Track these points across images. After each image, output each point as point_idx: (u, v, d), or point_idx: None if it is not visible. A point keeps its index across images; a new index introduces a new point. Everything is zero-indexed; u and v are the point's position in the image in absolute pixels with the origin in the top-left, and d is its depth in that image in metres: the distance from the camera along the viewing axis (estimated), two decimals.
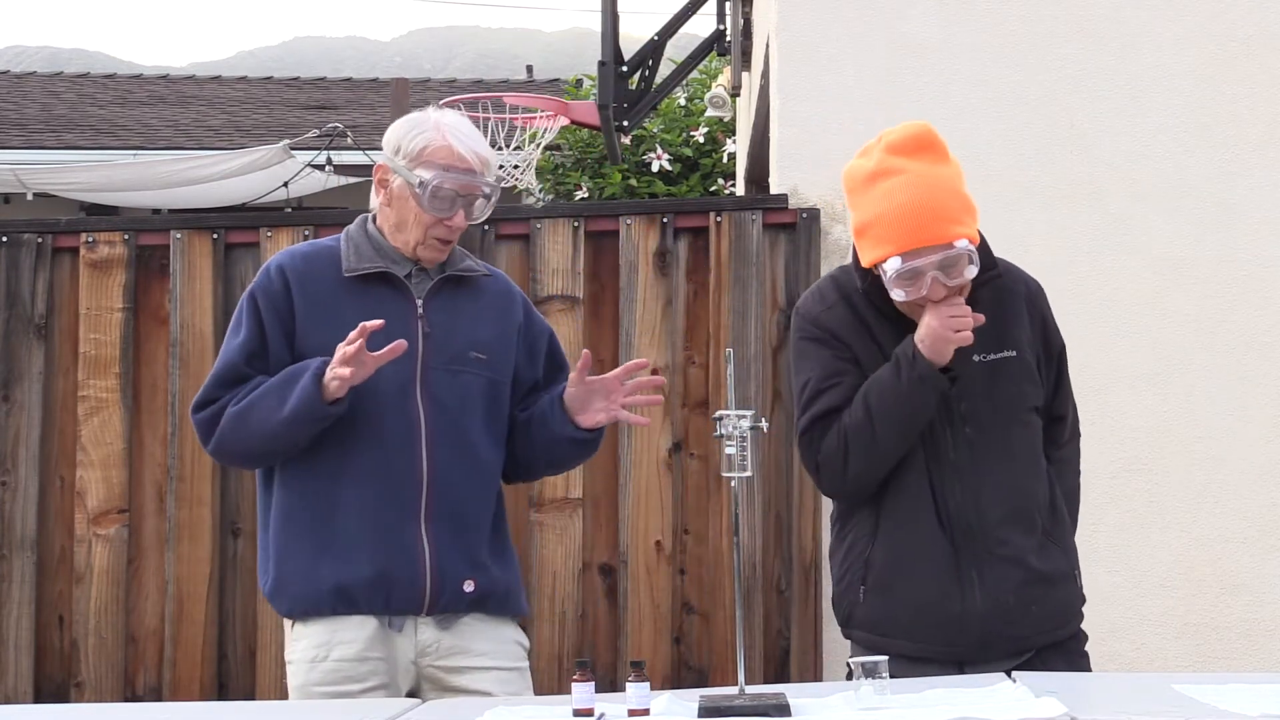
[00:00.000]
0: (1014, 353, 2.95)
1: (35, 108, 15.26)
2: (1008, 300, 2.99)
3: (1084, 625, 3.05)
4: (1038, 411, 2.99)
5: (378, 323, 2.86)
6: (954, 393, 2.90)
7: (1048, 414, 3.04)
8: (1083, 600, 3.04)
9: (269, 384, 2.94)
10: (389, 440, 2.95)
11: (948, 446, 2.91)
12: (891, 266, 2.82)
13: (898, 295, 2.86)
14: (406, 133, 3.03)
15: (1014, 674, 2.66)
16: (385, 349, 2.86)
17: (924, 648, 2.87)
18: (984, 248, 2.94)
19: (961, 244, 2.81)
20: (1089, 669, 3.00)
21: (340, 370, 2.85)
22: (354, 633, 2.94)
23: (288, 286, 3.02)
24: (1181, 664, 4.46)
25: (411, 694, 2.96)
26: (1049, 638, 2.95)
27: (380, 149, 3.12)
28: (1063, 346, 3.07)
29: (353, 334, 2.84)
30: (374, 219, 3.11)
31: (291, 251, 3.12)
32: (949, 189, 2.86)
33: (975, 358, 2.92)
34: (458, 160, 2.99)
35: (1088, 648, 3.06)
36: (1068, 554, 3.00)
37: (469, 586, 2.98)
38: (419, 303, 3.03)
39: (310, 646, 2.96)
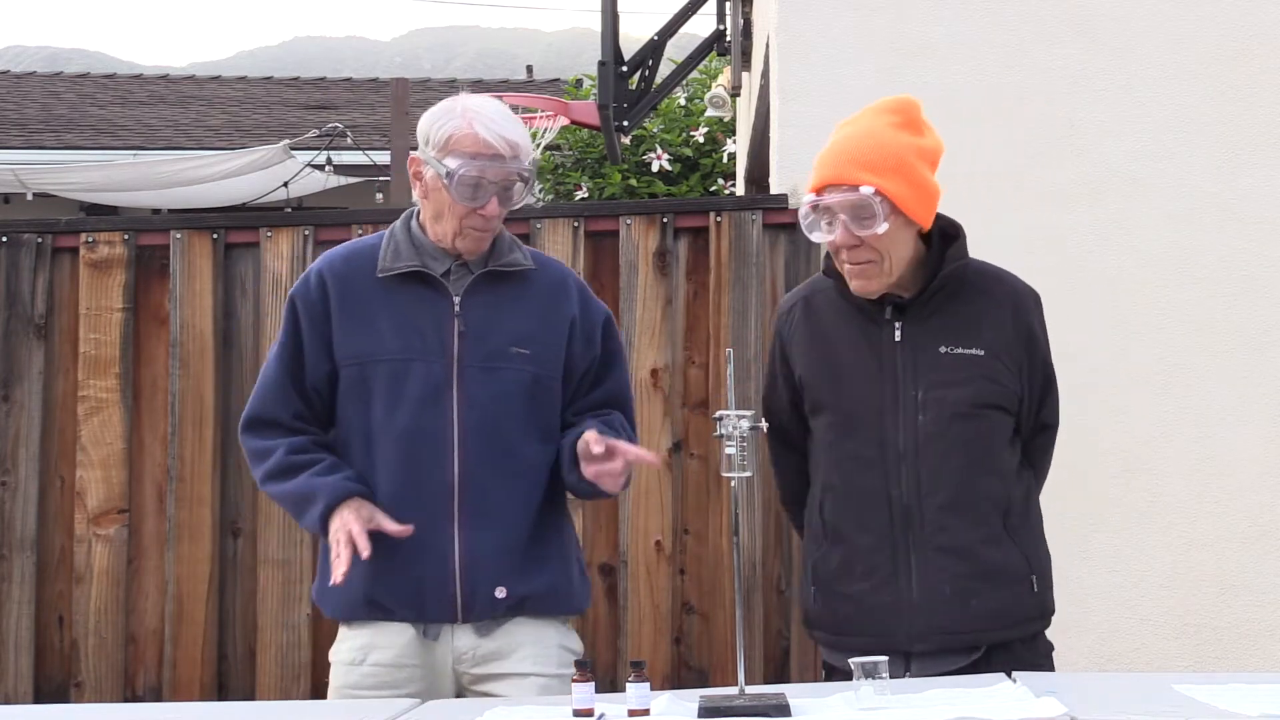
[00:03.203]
0: (981, 352, 2.95)
1: (35, 108, 15.27)
2: (988, 302, 3.01)
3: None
4: (1003, 411, 2.97)
5: (401, 530, 2.86)
6: (912, 381, 2.92)
7: (1034, 421, 3.06)
8: (1043, 610, 2.99)
9: (291, 487, 2.94)
10: (420, 446, 2.90)
11: (898, 434, 2.92)
12: (806, 201, 2.92)
13: (815, 236, 2.94)
14: (434, 121, 2.96)
15: (1014, 674, 2.66)
16: (395, 528, 2.85)
17: (869, 641, 2.85)
18: (960, 241, 2.99)
19: (866, 190, 2.84)
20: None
21: (338, 554, 2.83)
22: (392, 638, 2.93)
23: (325, 292, 2.99)
24: (1181, 664, 4.46)
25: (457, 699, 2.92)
26: (995, 637, 2.90)
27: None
28: (1048, 356, 3.07)
29: (360, 538, 2.81)
30: (418, 214, 3.06)
31: (333, 254, 3.08)
32: (880, 141, 2.90)
33: (942, 349, 2.94)
34: (484, 147, 2.90)
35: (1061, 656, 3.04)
36: (1029, 559, 2.96)
37: (500, 593, 2.92)
38: (456, 300, 2.98)
39: (351, 649, 2.96)
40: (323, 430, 3.03)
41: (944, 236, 3.00)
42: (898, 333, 2.96)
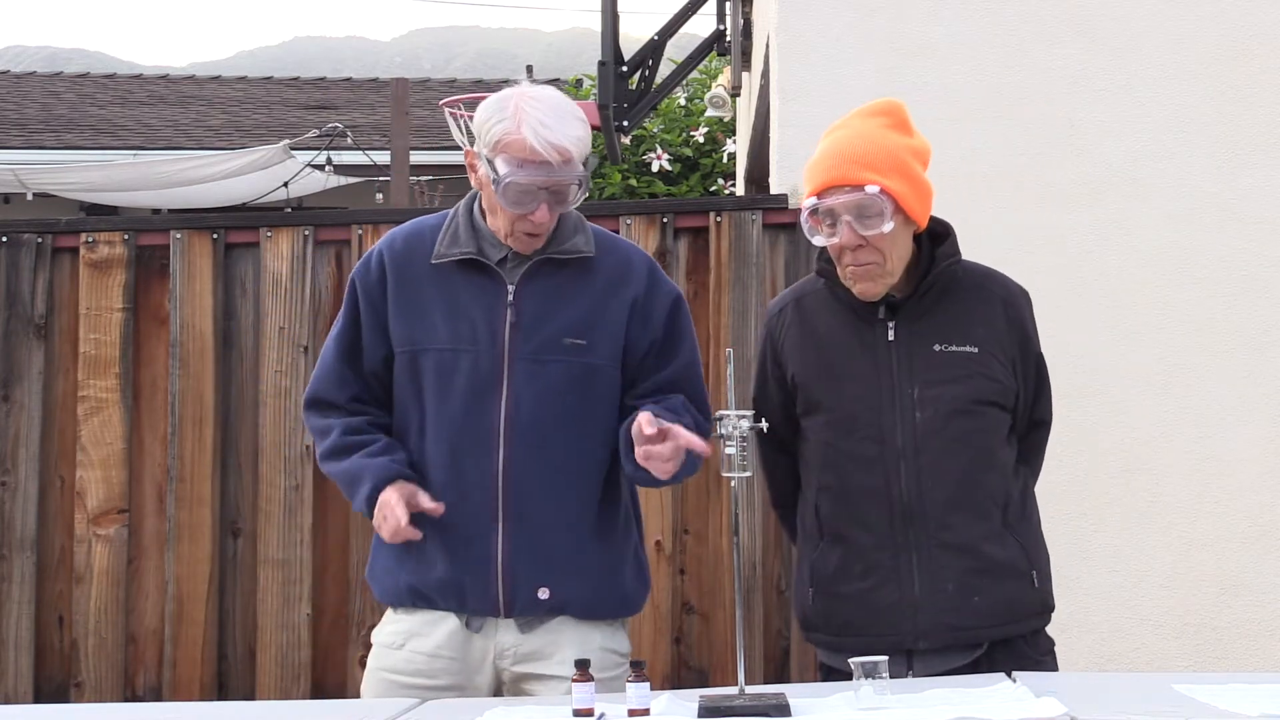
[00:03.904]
0: (975, 349, 2.96)
1: (35, 108, 15.27)
2: (980, 300, 3.02)
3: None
4: (999, 408, 2.98)
5: (435, 509, 2.83)
6: (909, 379, 2.93)
7: (1028, 418, 3.07)
8: (1044, 605, 3.00)
9: (344, 467, 2.92)
10: (464, 442, 2.85)
11: (897, 433, 2.92)
12: (806, 205, 2.90)
13: (817, 240, 2.93)
14: (487, 118, 2.84)
15: (1014, 674, 2.67)
16: (431, 506, 2.82)
17: (872, 641, 2.84)
18: (950, 240, 3.01)
19: (871, 189, 2.85)
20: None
21: (382, 529, 2.84)
22: (433, 628, 2.89)
23: (384, 275, 2.95)
24: (1181, 664, 4.46)
25: (497, 694, 2.90)
26: (998, 633, 2.91)
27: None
28: (1040, 353, 3.09)
29: (398, 508, 2.79)
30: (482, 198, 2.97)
31: (394, 234, 3.01)
32: (877, 142, 2.91)
33: (936, 347, 2.95)
34: (531, 155, 2.77)
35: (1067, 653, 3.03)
36: (1029, 554, 2.97)
37: (543, 594, 2.85)
38: (510, 289, 2.89)
39: (393, 633, 2.94)
40: (383, 411, 2.99)
41: (932, 236, 3.01)
42: (891, 332, 2.96)
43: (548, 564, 2.86)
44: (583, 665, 2.42)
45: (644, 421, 2.72)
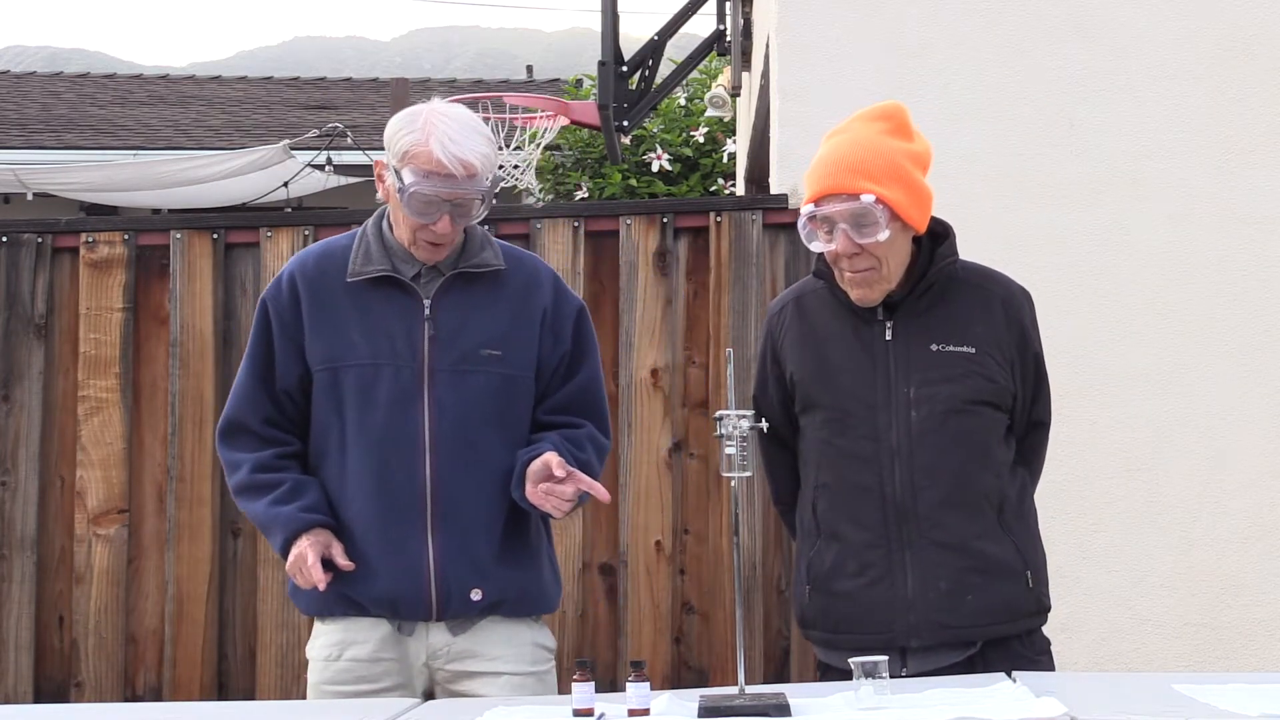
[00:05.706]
0: (972, 350, 2.97)
1: (35, 108, 15.27)
2: (979, 300, 3.03)
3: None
4: (995, 408, 2.99)
5: (347, 565, 2.89)
6: (904, 378, 2.94)
7: (1026, 419, 3.08)
8: (1039, 606, 3.00)
9: (254, 510, 2.97)
10: (390, 451, 2.92)
11: (891, 431, 2.93)
12: (804, 212, 2.92)
13: (815, 245, 2.95)
14: (397, 129, 2.92)
15: (1014, 674, 2.67)
16: (344, 563, 2.89)
17: (865, 638, 2.87)
18: (949, 240, 3.02)
19: (867, 198, 2.85)
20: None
21: (299, 581, 2.91)
22: (367, 633, 2.94)
23: (296, 297, 2.99)
24: (1181, 664, 4.46)
25: (428, 696, 2.94)
26: (991, 632, 2.91)
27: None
28: (1040, 354, 3.09)
29: (314, 570, 2.84)
30: (390, 213, 3.04)
31: (305, 256, 3.07)
32: (875, 149, 2.91)
33: (933, 346, 2.96)
34: (437, 166, 2.85)
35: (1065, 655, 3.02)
36: (1024, 554, 2.97)
37: (476, 595, 2.93)
38: (426, 303, 2.97)
39: (326, 645, 2.97)
40: (295, 435, 3.03)
41: (932, 236, 3.02)
42: (889, 331, 2.98)
43: (478, 566, 2.94)
44: (584, 665, 2.42)
45: (554, 464, 2.85)
